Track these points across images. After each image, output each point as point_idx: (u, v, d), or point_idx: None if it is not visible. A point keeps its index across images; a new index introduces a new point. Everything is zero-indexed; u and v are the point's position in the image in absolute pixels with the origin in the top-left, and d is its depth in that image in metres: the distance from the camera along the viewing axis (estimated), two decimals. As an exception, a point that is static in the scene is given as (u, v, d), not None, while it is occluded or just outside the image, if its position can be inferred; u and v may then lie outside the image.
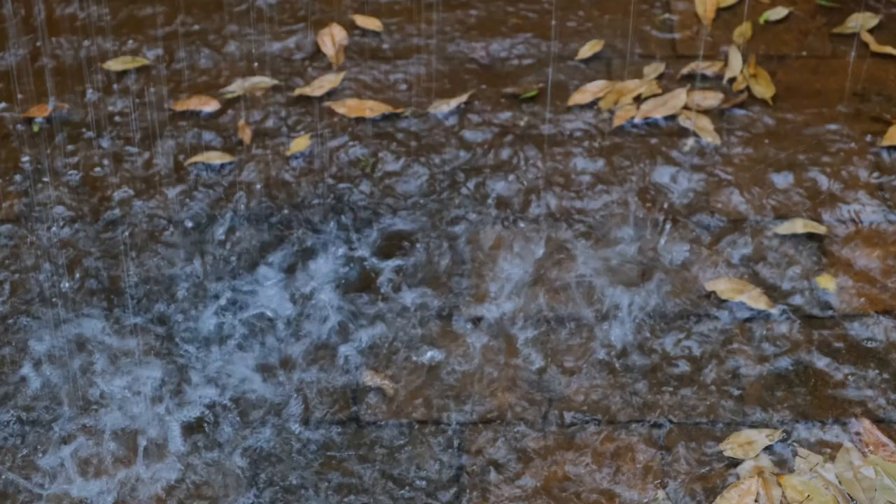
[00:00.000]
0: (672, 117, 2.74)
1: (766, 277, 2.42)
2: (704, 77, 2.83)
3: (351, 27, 2.96)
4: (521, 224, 2.53)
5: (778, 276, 2.42)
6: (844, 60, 2.87)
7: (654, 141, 2.69)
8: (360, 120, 2.74)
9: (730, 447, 2.16)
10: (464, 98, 2.77)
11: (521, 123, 2.73)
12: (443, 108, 2.76)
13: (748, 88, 2.80)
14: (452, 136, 2.71)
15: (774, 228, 2.51)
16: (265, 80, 2.83)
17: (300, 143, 2.69)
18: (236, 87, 2.80)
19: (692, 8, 3.01)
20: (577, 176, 2.63)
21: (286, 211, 2.55)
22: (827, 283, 2.41)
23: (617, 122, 2.73)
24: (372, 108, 2.77)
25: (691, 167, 2.63)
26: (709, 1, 2.99)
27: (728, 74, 2.83)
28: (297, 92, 2.80)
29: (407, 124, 2.73)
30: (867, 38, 2.91)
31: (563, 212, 2.55)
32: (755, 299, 2.38)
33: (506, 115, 2.76)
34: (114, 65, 2.86)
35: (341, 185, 2.60)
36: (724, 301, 2.37)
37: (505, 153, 2.67)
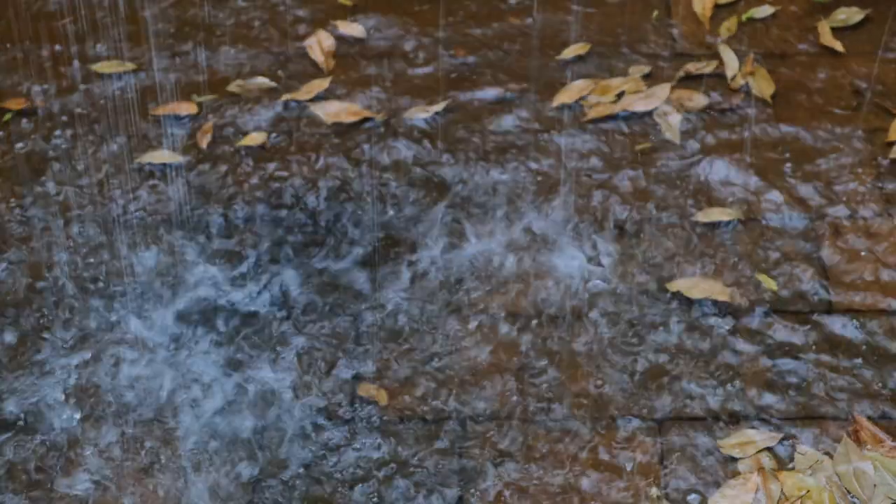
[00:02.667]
0: (649, 113, 2.73)
1: (751, 273, 2.43)
2: (702, 76, 2.82)
3: (339, 34, 2.98)
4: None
5: (763, 272, 2.42)
6: (840, 57, 2.86)
7: (624, 133, 2.69)
8: (336, 125, 2.75)
9: (728, 445, 2.16)
10: (442, 105, 2.77)
11: (499, 124, 2.75)
12: (420, 113, 2.76)
13: (747, 86, 2.79)
14: (418, 137, 2.71)
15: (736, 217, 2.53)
16: (263, 81, 2.85)
17: (252, 140, 2.71)
18: (232, 88, 2.83)
19: (690, 6, 2.99)
20: (539, 167, 2.64)
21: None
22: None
23: (591, 116, 2.72)
24: (350, 113, 2.77)
25: (651, 163, 2.64)
26: None
27: (728, 73, 2.82)
28: (285, 97, 2.81)
29: (379, 127, 2.75)
30: (824, 29, 2.90)
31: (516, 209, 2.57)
32: (729, 296, 2.38)
33: (483, 115, 2.76)
34: (102, 67, 2.88)
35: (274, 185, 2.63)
36: (716, 299, 2.38)
37: (471, 153, 2.69)
